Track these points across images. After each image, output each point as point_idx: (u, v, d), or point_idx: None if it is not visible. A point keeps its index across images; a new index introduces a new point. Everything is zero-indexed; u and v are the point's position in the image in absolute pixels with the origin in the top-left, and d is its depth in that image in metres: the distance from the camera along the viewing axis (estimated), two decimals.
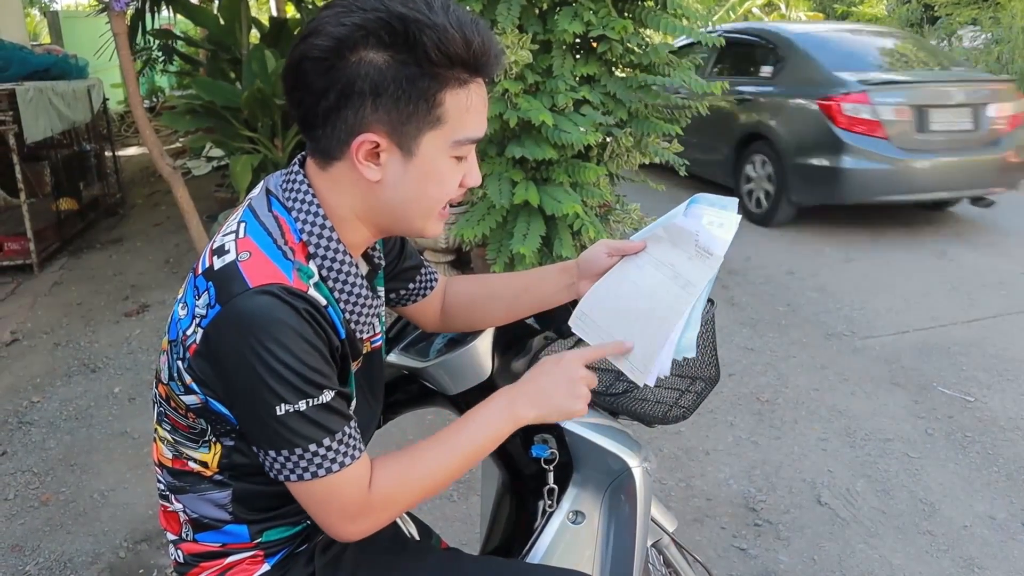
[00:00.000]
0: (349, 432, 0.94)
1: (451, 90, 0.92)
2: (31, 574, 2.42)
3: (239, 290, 0.88)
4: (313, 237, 0.97)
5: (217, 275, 0.91)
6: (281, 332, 0.87)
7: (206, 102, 5.39)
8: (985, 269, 4.96)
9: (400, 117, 0.92)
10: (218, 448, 1.01)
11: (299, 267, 0.94)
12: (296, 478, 0.93)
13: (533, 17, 3.93)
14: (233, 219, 1.00)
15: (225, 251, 0.93)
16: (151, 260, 5.60)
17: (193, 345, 0.92)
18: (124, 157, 9.43)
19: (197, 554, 1.08)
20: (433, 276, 1.28)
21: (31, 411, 3.43)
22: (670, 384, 1.45)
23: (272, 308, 0.88)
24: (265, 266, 0.91)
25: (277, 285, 0.89)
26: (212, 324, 0.90)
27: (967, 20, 9.99)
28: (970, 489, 2.74)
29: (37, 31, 16.64)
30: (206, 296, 0.91)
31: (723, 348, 3.79)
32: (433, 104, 0.92)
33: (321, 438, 0.91)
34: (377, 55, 0.89)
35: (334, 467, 0.92)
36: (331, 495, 0.94)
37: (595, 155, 4.30)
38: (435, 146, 0.94)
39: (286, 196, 0.99)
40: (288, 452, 0.91)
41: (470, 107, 0.95)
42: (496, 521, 1.45)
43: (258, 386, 0.88)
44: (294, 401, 0.89)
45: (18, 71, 5.45)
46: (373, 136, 0.92)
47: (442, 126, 0.93)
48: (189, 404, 0.98)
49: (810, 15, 16.51)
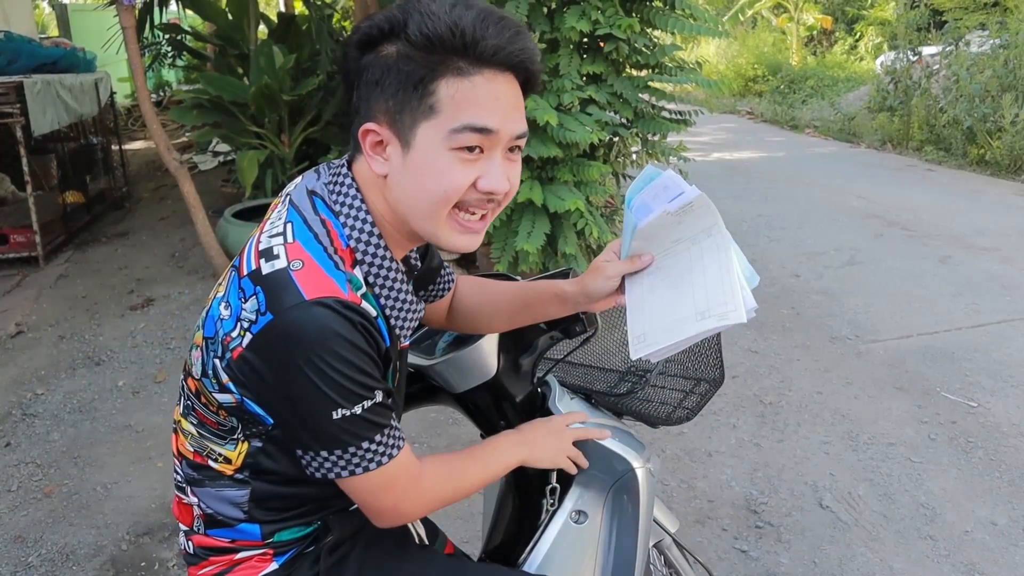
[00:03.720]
0: (395, 425, 0.99)
1: (446, 79, 0.90)
2: (33, 565, 2.43)
3: (293, 301, 0.88)
4: (361, 244, 0.97)
5: (267, 281, 0.90)
6: (339, 344, 0.88)
7: (213, 97, 5.41)
8: (990, 274, 4.94)
9: (397, 106, 0.92)
10: (244, 447, 1.02)
11: (351, 278, 0.94)
12: (348, 474, 0.95)
13: (541, 16, 3.93)
14: (277, 218, 0.98)
15: (274, 255, 0.92)
16: (156, 254, 5.61)
17: (238, 348, 0.92)
18: (131, 151, 9.45)
19: (207, 547, 1.09)
20: (451, 276, 1.28)
21: (35, 403, 3.44)
22: (674, 385, 1.45)
23: (330, 321, 0.88)
24: (320, 278, 0.90)
25: (333, 299, 0.89)
26: (263, 333, 0.89)
27: (975, 25, 9.97)
28: (972, 494, 2.73)
29: (45, 24, 16.68)
30: (254, 301, 0.90)
31: (727, 350, 3.78)
32: (425, 92, 0.90)
33: (374, 435, 0.95)
34: (390, 49, 0.92)
35: (384, 459, 0.96)
36: (384, 485, 0.98)
37: (601, 154, 4.31)
38: (430, 137, 0.91)
39: (333, 199, 0.98)
40: (342, 451, 0.94)
41: (469, 98, 0.90)
42: (499, 520, 1.45)
43: (314, 394, 0.89)
44: (350, 406, 0.91)
45: (26, 63, 5.46)
46: (374, 125, 0.94)
47: (436, 116, 0.90)
48: (222, 402, 0.98)
49: (819, 18, 16.48)
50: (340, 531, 1.10)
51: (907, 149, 9.48)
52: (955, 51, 9.15)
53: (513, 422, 1.31)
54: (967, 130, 8.47)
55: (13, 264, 5.31)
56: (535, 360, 1.35)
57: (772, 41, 16.36)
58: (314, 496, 1.05)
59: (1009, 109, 7.94)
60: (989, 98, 8.36)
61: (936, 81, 9.37)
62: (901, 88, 9.74)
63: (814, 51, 17.02)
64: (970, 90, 8.48)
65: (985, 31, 9.47)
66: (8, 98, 4.99)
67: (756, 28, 17.52)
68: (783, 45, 16.44)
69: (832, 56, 16.28)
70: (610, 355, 1.51)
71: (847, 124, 10.73)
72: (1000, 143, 8.05)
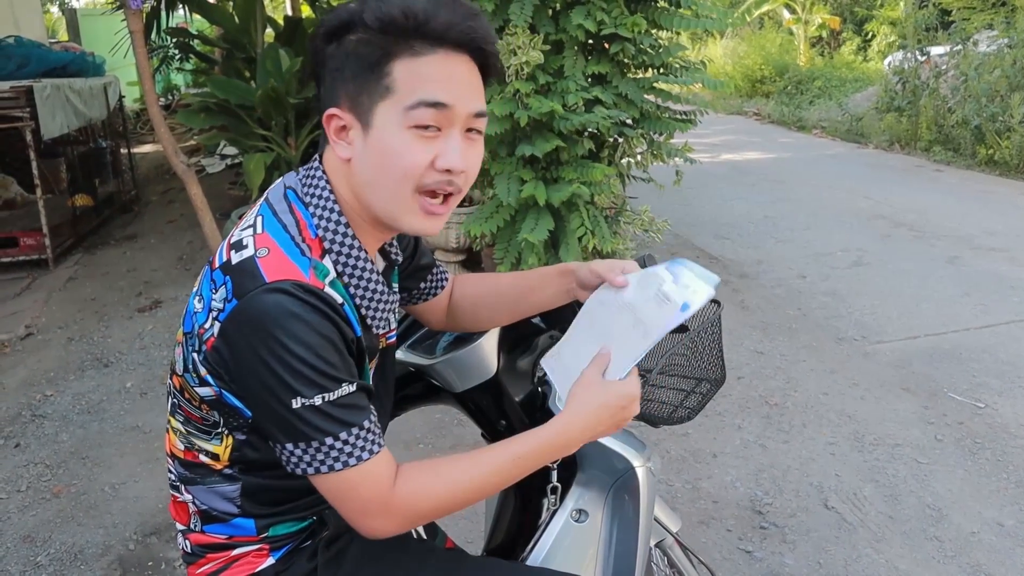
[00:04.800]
0: (368, 427, 0.94)
1: (401, 59, 0.92)
2: (42, 565, 2.44)
3: (255, 285, 0.90)
4: (328, 233, 0.98)
5: (234, 270, 0.93)
6: (296, 327, 0.89)
7: (221, 100, 5.43)
8: (998, 275, 4.92)
9: (356, 89, 0.94)
10: (230, 441, 1.02)
11: (316, 264, 0.95)
12: (313, 471, 0.93)
13: (546, 17, 3.94)
14: (251, 213, 1.01)
15: (243, 246, 0.95)
16: (165, 257, 5.65)
17: (211, 339, 0.94)
18: (139, 154, 9.51)
19: (204, 545, 1.10)
20: (444, 276, 1.29)
21: (44, 404, 3.47)
22: (675, 385, 1.45)
23: (288, 303, 0.89)
24: (283, 262, 0.92)
25: (292, 282, 0.90)
26: (229, 318, 0.91)
27: (983, 24, 9.91)
28: (979, 496, 2.72)
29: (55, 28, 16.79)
30: (223, 290, 0.93)
31: (733, 351, 3.78)
32: (381, 73, 0.93)
33: (338, 432, 0.91)
34: (352, 36, 0.95)
35: (351, 461, 0.92)
36: (349, 489, 0.94)
37: (606, 155, 4.31)
38: (388, 117, 0.93)
39: (304, 191, 1.00)
40: (305, 445, 0.92)
41: (423, 75, 0.93)
42: (500, 518, 1.46)
43: (274, 380, 0.89)
44: (310, 395, 0.90)
45: (36, 68, 5.51)
46: (336, 110, 0.96)
47: (392, 95, 0.93)
48: (203, 396, 1.00)
49: (827, 19, 16.42)
50: (336, 525, 1.10)
51: (915, 150, 9.44)
52: (963, 51, 9.11)
53: (513, 421, 1.32)
54: (976, 130, 8.43)
55: (23, 267, 5.35)
56: (535, 359, 1.35)
57: (779, 42, 16.31)
58: (305, 489, 1.03)
59: (1018, 109, 7.89)
60: (998, 98, 8.31)
61: (944, 81, 9.32)
62: (909, 88, 9.70)
63: (822, 52, 16.95)
64: (978, 90, 8.44)
65: (993, 31, 9.41)
66: (18, 102, 5.03)
67: (763, 29, 17.48)
68: (790, 46, 16.39)
69: (840, 57, 16.23)
70: None
71: (855, 125, 10.69)
72: (1009, 143, 8.01)
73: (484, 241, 4.17)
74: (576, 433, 1.02)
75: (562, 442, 1.02)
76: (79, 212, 6.18)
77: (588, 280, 1.14)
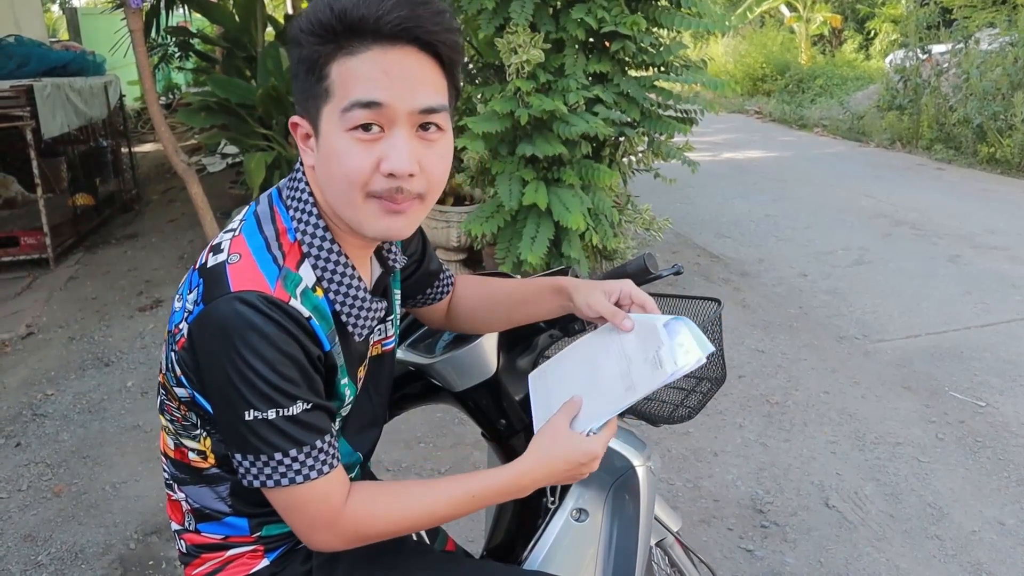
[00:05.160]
0: (321, 447, 0.93)
1: (337, 60, 0.90)
2: (43, 564, 2.45)
3: (220, 293, 0.90)
4: (307, 237, 0.97)
5: (208, 273, 0.93)
6: (255, 340, 0.87)
7: (221, 99, 5.43)
8: (999, 273, 4.92)
9: (303, 95, 0.94)
10: (208, 443, 1.02)
11: (287, 275, 0.93)
12: (259, 484, 0.93)
13: (547, 16, 3.94)
14: (239, 216, 1.01)
15: (220, 249, 0.95)
16: (165, 256, 5.64)
17: (181, 340, 0.94)
18: (140, 153, 9.51)
19: (199, 545, 1.10)
20: (450, 279, 1.29)
21: (45, 404, 3.47)
22: (676, 384, 1.45)
23: (249, 315, 0.88)
24: (250, 271, 0.91)
25: (256, 293, 0.89)
26: (195, 322, 0.91)
27: (984, 23, 9.90)
28: (980, 494, 2.72)
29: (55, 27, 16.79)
30: (195, 293, 0.93)
31: (734, 350, 3.78)
32: (319, 77, 0.91)
33: (288, 448, 0.91)
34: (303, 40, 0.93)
35: (298, 479, 0.92)
36: (297, 505, 0.94)
37: (607, 154, 4.30)
38: (330, 122, 0.91)
39: (287, 194, 1.00)
40: (254, 457, 0.91)
41: (356, 75, 0.89)
42: (500, 518, 1.46)
43: (229, 390, 0.89)
44: (263, 409, 0.89)
45: (36, 67, 5.51)
46: (298, 120, 0.96)
47: (331, 99, 0.91)
48: (180, 396, 1.00)
49: (828, 16, 16.40)
50: None
51: (916, 148, 9.43)
52: (965, 49, 9.09)
53: (513, 420, 1.31)
54: (977, 128, 8.42)
55: (24, 266, 5.35)
56: (535, 358, 1.35)
57: (780, 40, 16.29)
58: None
59: (1020, 107, 7.88)
60: (1000, 96, 8.30)
61: (946, 79, 9.31)
62: (910, 87, 9.69)
63: (823, 50, 16.94)
64: (980, 88, 8.43)
65: (995, 29, 9.40)
66: (18, 101, 5.03)
67: (764, 27, 17.46)
68: (792, 44, 16.37)
69: (841, 55, 16.21)
70: None
71: (856, 123, 10.68)
72: (1011, 141, 8.00)
73: (485, 240, 4.17)
74: (532, 480, 1.02)
75: (518, 486, 1.03)
76: (80, 211, 6.17)
77: (585, 313, 1.11)
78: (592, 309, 1.09)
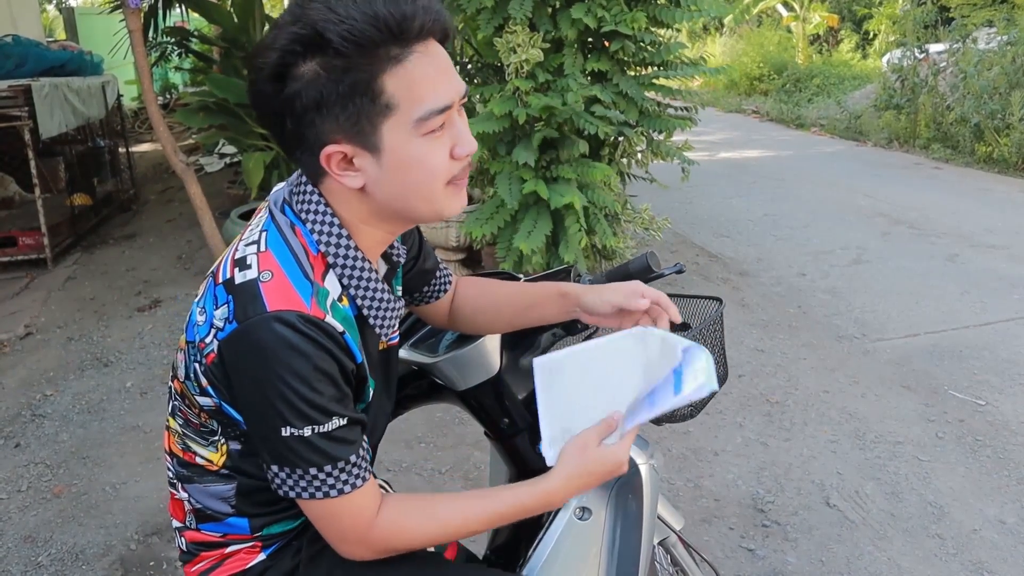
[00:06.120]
0: (355, 461, 0.95)
1: (388, 73, 0.87)
2: (43, 565, 2.44)
3: (256, 312, 0.89)
4: (331, 247, 0.97)
5: (237, 290, 0.92)
6: (294, 359, 0.88)
7: (219, 99, 5.42)
8: (998, 272, 4.92)
9: (351, 119, 0.89)
10: (225, 450, 1.03)
11: (318, 290, 0.94)
12: (295, 495, 0.95)
13: (545, 16, 3.93)
14: (255, 227, 0.99)
15: (247, 265, 0.93)
16: (164, 256, 5.64)
17: (211, 354, 0.94)
18: (138, 153, 9.50)
19: (198, 543, 1.11)
20: (448, 277, 1.28)
21: (44, 404, 3.46)
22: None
23: (288, 335, 0.88)
24: (285, 291, 0.91)
25: (295, 313, 0.89)
26: (228, 340, 0.91)
27: (982, 22, 9.91)
28: (980, 493, 2.72)
29: (52, 27, 16.77)
30: (225, 309, 0.92)
31: (733, 349, 3.78)
32: (374, 94, 0.88)
33: (323, 464, 0.92)
34: (306, 68, 0.87)
35: (332, 492, 0.94)
36: (330, 516, 0.96)
37: (606, 154, 4.30)
38: (398, 134, 0.90)
39: (299, 208, 0.98)
40: (290, 470, 0.93)
41: (418, 79, 0.88)
42: None
43: (267, 407, 0.90)
44: (300, 426, 0.90)
45: (34, 67, 5.50)
46: (335, 147, 0.91)
47: (395, 112, 0.89)
48: (203, 405, 1.00)
49: (825, 16, 16.42)
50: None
51: (914, 147, 9.44)
52: (962, 48, 9.11)
53: (516, 419, 1.31)
54: (974, 128, 8.43)
55: (22, 266, 5.34)
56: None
57: (777, 40, 16.31)
58: None
59: (1018, 106, 7.89)
60: (997, 95, 8.31)
61: (943, 79, 9.33)
62: (908, 86, 9.70)
63: (820, 49, 16.96)
64: (977, 87, 8.44)
65: (993, 28, 9.42)
66: (16, 101, 5.02)
67: (761, 26, 17.47)
68: (789, 44, 16.39)
69: (838, 54, 16.23)
70: None
71: (853, 122, 10.69)
72: (1008, 140, 8.01)
73: (485, 240, 4.17)
74: (563, 496, 1.04)
75: (548, 503, 1.04)
76: (78, 211, 6.16)
77: (599, 309, 1.12)
78: (609, 303, 1.11)
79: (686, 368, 0.99)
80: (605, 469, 1.03)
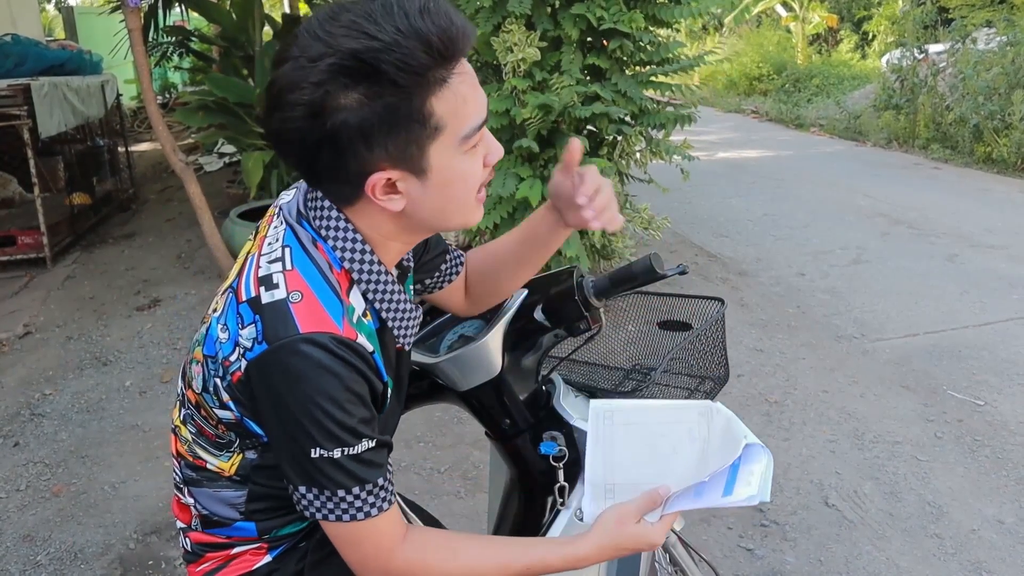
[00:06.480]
0: (382, 484, 0.95)
1: (435, 96, 0.87)
2: (42, 564, 2.44)
3: (288, 334, 0.88)
4: (356, 264, 0.96)
5: (265, 310, 0.90)
6: (327, 381, 0.88)
7: (219, 98, 5.42)
8: (997, 272, 4.93)
9: (400, 146, 0.88)
10: (238, 459, 1.03)
11: (348, 308, 0.93)
12: (321, 517, 0.94)
13: (545, 15, 3.93)
14: (274, 239, 0.97)
15: (274, 284, 0.92)
16: (163, 255, 5.63)
17: (237, 372, 0.92)
18: (137, 152, 9.49)
19: (204, 544, 1.10)
20: (459, 258, 1.26)
21: (43, 403, 3.46)
22: (679, 383, 1.46)
23: (321, 357, 0.87)
24: (317, 312, 0.90)
25: (328, 335, 0.88)
26: (257, 361, 0.90)
27: (982, 22, 9.92)
28: (979, 493, 2.73)
29: (52, 27, 16.76)
30: (252, 329, 0.90)
31: (732, 349, 3.76)
32: (424, 119, 0.87)
33: (351, 486, 0.92)
34: (349, 99, 0.84)
35: (359, 515, 0.93)
36: (354, 540, 0.95)
37: (605, 153, 4.31)
38: (444, 153, 0.90)
39: (318, 224, 0.96)
40: (318, 491, 0.92)
41: (461, 99, 0.89)
42: (504, 518, 1.46)
43: (296, 428, 0.89)
44: (330, 448, 0.89)
45: (33, 66, 5.49)
46: (383, 174, 0.89)
47: (443, 132, 0.89)
48: (222, 418, 0.99)
49: (824, 16, 16.42)
50: None
51: (913, 147, 9.44)
52: (962, 48, 9.11)
53: (517, 420, 1.31)
54: (974, 128, 8.43)
55: (21, 265, 5.34)
56: (540, 358, 1.35)
57: (777, 40, 16.31)
58: None
59: (1018, 106, 7.89)
60: (996, 96, 8.32)
61: (942, 79, 9.33)
62: (907, 86, 9.70)
63: (819, 50, 16.96)
64: (977, 88, 8.44)
65: (992, 28, 9.42)
66: (15, 100, 5.01)
67: (761, 27, 17.48)
68: (788, 44, 16.40)
69: (838, 55, 16.24)
70: (614, 353, 1.51)
71: (853, 123, 10.69)
72: (1007, 141, 8.02)
73: (484, 240, 4.17)
74: (592, 562, 1.03)
75: (575, 565, 1.03)
76: (77, 210, 6.16)
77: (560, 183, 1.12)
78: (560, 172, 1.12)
79: (743, 466, 0.97)
80: (638, 546, 1.02)
